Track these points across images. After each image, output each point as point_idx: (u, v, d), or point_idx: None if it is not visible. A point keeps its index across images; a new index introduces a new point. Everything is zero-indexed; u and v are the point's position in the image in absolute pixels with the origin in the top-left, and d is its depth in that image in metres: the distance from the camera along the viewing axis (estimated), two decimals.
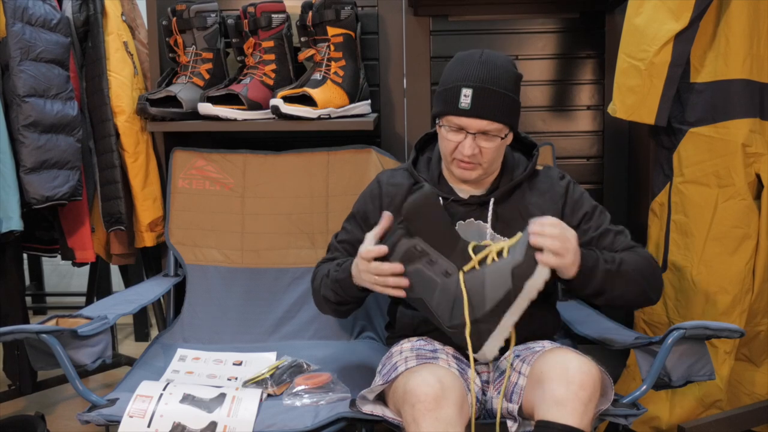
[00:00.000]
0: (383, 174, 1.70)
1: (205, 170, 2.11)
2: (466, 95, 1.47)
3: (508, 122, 1.50)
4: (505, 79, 1.49)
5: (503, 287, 1.35)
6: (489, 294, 1.35)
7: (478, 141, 1.49)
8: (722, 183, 1.78)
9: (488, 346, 1.38)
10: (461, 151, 1.50)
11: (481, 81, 1.47)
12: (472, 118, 1.47)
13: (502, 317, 1.36)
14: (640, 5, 1.76)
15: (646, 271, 1.50)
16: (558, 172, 1.63)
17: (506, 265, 1.35)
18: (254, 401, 1.55)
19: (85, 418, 1.49)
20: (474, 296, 1.36)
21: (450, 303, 1.38)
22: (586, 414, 1.28)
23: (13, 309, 2.22)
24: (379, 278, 1.40)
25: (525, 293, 1.35)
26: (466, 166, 1.52)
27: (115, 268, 2.81)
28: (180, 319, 2.02)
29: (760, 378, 1.89)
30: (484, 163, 1.51)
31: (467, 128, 1.48)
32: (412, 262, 1.39)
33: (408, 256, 1.38)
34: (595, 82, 2.27)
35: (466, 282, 1.37)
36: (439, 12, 2.23)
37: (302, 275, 2.05)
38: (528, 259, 1.34)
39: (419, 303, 1.42)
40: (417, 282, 1.39)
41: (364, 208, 1.66)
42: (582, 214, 1.57)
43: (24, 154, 1.92)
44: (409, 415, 1.31)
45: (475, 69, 1.48)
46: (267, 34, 2.06)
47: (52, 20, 1.99)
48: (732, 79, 1.75)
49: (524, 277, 1.34)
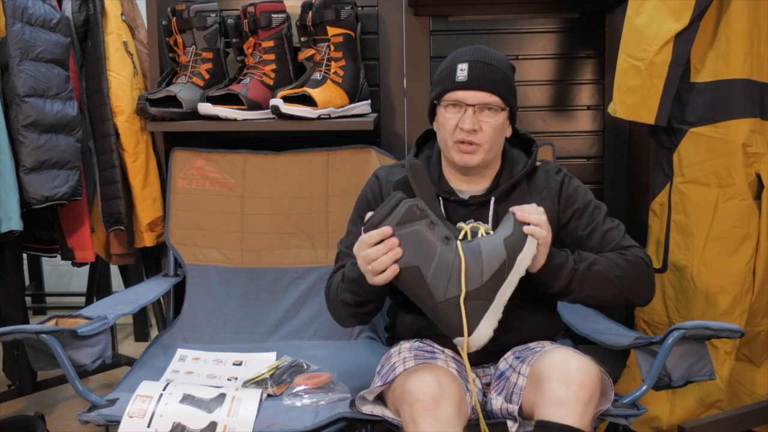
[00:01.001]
0: (381, 170, 1.68)
1: (205, 170, 2.11)
2: (463, 69, 1.48)
3: (506, 98, 1.50)
4: (499, 59, 1.52)
5: (499, 258, 1.33)
6: (486, 264, 1.33)
7: (478, 115, 1.48)
8: (722, 183, 1.78)
9: (482, 327, 1.33)
10: (462, 126, 1.48)
11: (475, 56, 1.50)
12: (471, 90, 1.48)
13: (496, 293, 1.33)
14: (641, 5, 1.75)
15: (623, 273, 1.47)
16: (554, 166, 1.62)
17: (498, 237, 1.36)
18: (254, 401, 1.55)
19: (84, 418, 1.49)
20: (471, 266, 1.33)
21: (447, 272, 1.33)
22: (586, 414, 1.28)
23: (12, 309, 2.21)
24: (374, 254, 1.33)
25: (516, 268, 1.34)
26: (468, 148, 1.50)
27: (115, 268, 2.81)
28: (180, 319, 2.02)
29: (760, 378, 1.89)
30: (485, 143, 1.49)
31: (466, 100, 1.48)
32: (412, 222, 1.33)
33: (409, 215, 1.33)
34: (595, 82, 2.27)
35: (464, 251, 1.34)
36: (439, 12, 2.23)
37: (302, 275, 2.05)
38: (517, 231, 1.35)
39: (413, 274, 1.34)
40: (414, 246, 1.33)
41: (367, 205, 1.63)
42: (573, 211, 1.56)
43: (24, 154, 1.92)
44: (408, 415, 1.31)
45: (468, 51, 1.52)
46: (267, 34, 2.06)
47: (52, 20, 1.99)
48: (732, 79, 1.75)
49: (516, 249, 1.34)
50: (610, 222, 1.56)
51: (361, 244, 1.36)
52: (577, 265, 1.45)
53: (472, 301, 1.32)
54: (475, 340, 1.33)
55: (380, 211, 1.35)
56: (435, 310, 1.35)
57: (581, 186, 1.60)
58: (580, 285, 1.45)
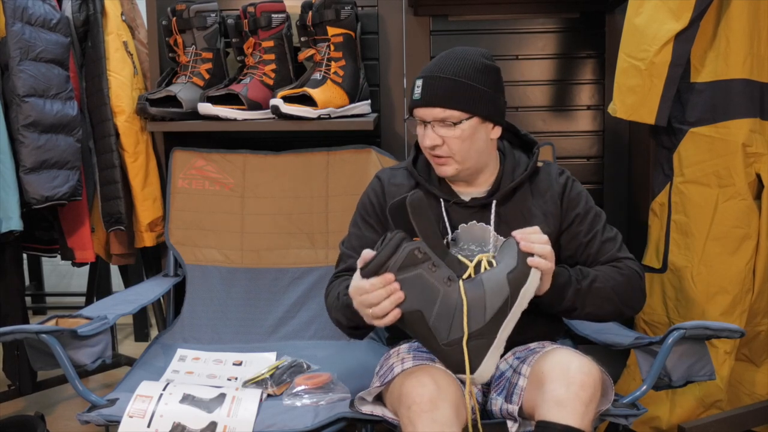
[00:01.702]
0: (383, 172, 1.66)
1: (205, 170, 2.11)
2: (418, 86, 1.48)
3: (465, 109, 1.46)
4: (459, 67, 1.46)
5: (502, 295, 1.32)
6: (489, 302, 1.32)
7: (437, 131, 1.47)
8: (722, 183, 1.78)
9: (486, 364, 1.32)
10: (422, 144, 1.50)
11: (430, 71, 1.48)
12: (423, 107, 1.47)
13: (498, 330, 1.32)
14: (641, 5, 1.75)
15: (620, 289, 1.48)
16: (557, 168, 1.61)
17: (501, 272, 1.33)
18: (254, 401, 1.55)
19: (84, 418, 1.49)
20: (474, 306, 1.31)
21: (450, 314, 1.31)
22: (587, 415, 1.28)
23: (12, 309, 2.21)
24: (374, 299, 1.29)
25: (519, 302, 1.33)
26: (438, 160, 1.50)
27: (115, 268, 2.81)
28: (180, 319, 2.02)
29: (760, 378, 1.89)
30: (454, 155, 1.48)
31: (423, 118, 1.48)
32: (414, 267, 1.30)
33: (410, 259, 1.30)
34: (595, 82, 2.27)
35: (467, 291, 1.32)
36: (439, 12, 2.23)
37: (302, 275, 2.05)
38: (521, 264, 1.32)
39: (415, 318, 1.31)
40: (416, 291, 1.30)
41: (371, 208, 1.61)
42: (574, 215, 1.55)
43: (24, 154, 1.92)
44: (405, 417, 1.31)
45: (432, 62, 1.50)
46: (267, 34, 2.06)
47: (52, 20, 1.99)
48: (732, 79, 1.75)
49: (519, 283, 1.32)
50: (609, 231, 1.56)
51: (359, 289, 1.32)
52: (579, 284, 1.45)
53: (475, 341, 1.32)
54: (479, 377, 1.33)
55: (380, 254, 1.30)
56: (438, 350, 1.34)
57: (584, 191, 1.60)
58: (582, 303, 1.46)
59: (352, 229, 1.62)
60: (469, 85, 1.46)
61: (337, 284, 1.55)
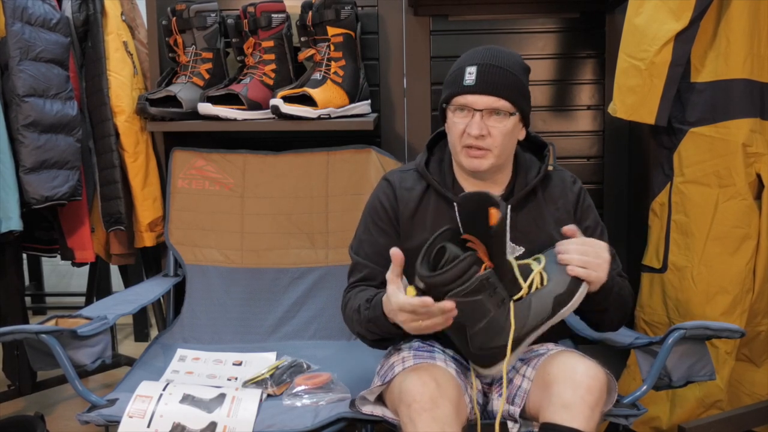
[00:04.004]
0: (392, 175, 1.60)
1: (205, 170, 2.11)
2: (471, 72, 1.45)
3: (516, 102, 1.47)
4: (510, 61, 1.48)
5: (544, 315, 1.33)
6: (530, 321, 1.33)
7: (486, 120, 1.45)
8: (723, 183, 1.78)
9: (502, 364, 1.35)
10: (469, 132, 1.45)
11: (484, 59, 1.46)
12: (478, 95, 1.45)
13: (525, 340, 1.35)
14: (641, 5, 1.75)
15: (628, 300, 1.53)
16: (570, 176, 1.61)
17: (549, 294, 1.34)
18: (254, 401, 1.55)
19: (84, 418, 1.49)
20: (517, 326, 1.33)
21: (492, 332, 1.32)
22: (593, 418, 1.28)
23: (12, 309, 2.21)
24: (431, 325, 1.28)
25: (553, 319, 1.34)
26: (476, 153, 1.47)
27: (115, 268, 2.81)
28: (180, 319, 2.02)
29: (760, 378, 1.89)
30: (494, 148, 1.46)
31: (474, 105, 1.45)
32: (478, 293, 1.29)
33: (478, 287, 1.29)
34: (595, 82, 2.27)
35: (516, 314, 1.33)
36: (439, 12, 2.23)
37: (302, 275, 2.05)
38: (569, 288, 1.33)
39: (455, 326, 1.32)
40: (469, 310, 1.30)
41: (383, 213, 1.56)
42: (585, 227, 1.54)
43: (23, 154, 1.92)
44: (406, 415, 1.31)
45: (479, 52, 1.49)
46: (267, 34, 2.06)
47: (52, 20, 1.99)
48: (732, 79, 1.75)
49: (563, 304, 1.33)
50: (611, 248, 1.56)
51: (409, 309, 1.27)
52: (617, 287, 1.45)
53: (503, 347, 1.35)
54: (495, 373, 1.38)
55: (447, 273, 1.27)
56: (466, 351, 1.37)
57: (593, 204, 1.61)
58: (611, 305, 1.46)
59: (364, 236, 1.57)
60: (519, 80, 1.49)
61: (354, 295, 1.51)
